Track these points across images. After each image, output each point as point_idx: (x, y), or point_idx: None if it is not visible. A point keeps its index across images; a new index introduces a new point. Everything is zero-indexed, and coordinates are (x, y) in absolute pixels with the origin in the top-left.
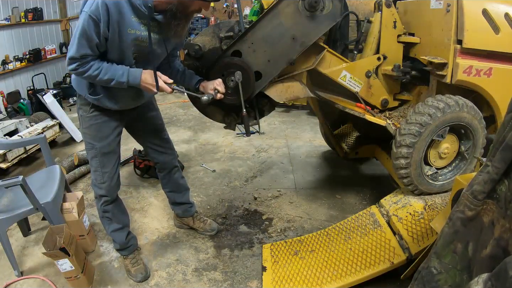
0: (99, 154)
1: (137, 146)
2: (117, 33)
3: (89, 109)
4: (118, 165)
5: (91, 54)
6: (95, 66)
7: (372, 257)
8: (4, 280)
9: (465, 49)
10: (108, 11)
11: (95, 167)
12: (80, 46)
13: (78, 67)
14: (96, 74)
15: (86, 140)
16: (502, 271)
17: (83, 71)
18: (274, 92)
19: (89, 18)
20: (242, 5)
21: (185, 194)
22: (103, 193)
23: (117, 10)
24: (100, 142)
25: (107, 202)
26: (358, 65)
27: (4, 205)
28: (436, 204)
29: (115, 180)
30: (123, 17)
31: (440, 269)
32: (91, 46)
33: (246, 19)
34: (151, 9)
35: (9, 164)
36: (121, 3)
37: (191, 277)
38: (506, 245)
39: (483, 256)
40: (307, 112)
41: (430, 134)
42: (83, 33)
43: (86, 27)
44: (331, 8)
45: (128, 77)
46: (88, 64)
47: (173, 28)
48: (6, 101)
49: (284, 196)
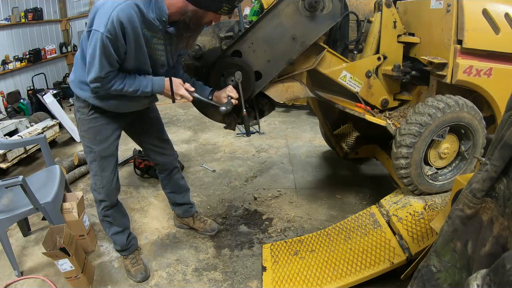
0: (98, 158)
1: (137, 146)
2: (133, 48)
3: (88, 111)
4: (117, 168)
5: (112, 70)
6: (118, 82)
7: (372, 257)
8: (4, 280)
9: (465, 49)
10: (123, 28)
11: (94, 171)
12: (102, 66)
13: (102, 85)
14: (121, 87)
15: (85, 143)
16: (500, 266)
17: (107, 87)
18: (274, 92)
19: (106, 38)
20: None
21: (186, 195)
22: (102, 198)
23: (132, 26)
24: (99, 145)
25: (107, 207)
26: (358, 65)
27: (4, 205)
28: (436, 204)
29: (114, 184)
30: (137, 31)
31: (439, 268)
32: (112, 64)
33: (246, 19)
34: (165, 23)
35: (9, 164)
36: (133, 17)
37: (191, 277)
38: (505, 243)
39: (482, 254)
40: (307, 112)
41: (430, 134)
42: (103, 54)
43: (106, 47)
44: (331, 8)
45: (152, 87)
46: (111, 81)
47: (185, 40)
48: (6, 101)
49: (284, 196)
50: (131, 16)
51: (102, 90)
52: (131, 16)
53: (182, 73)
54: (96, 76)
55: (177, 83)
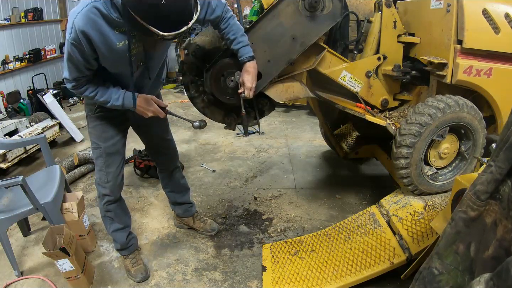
0: (104, 154)
1: (137, 146)
2: (106, 52)
3: (95, 109)
4: (123, 165)
5: (82, 76)
6: (90, 89)
7: (372, 257)
8: (4, 280)
9: (465, 49)
10: (87, 37)
11: (100, 167)
12: (70, 70)
13: (74, 88)
14: (93, 95)
15: (92, 139)
16: (504, 271)
17: (80, 91)
18: (274, 92)
19: (71, 45)
20: (242, 5)
21: (186, 194)
22: (106, 192)
23: (97, 33)
24: (105, 142)
25: (110, 201)
26: (358, 65)
27: (4, 205)
28: (436, 204)
29: (119, 180)
30: (106, 35)
31: (441, 270)
32: (80, 70)
33: (246, 19)
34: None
35: (9, 164)
36: (98, 23)
37: (191, 277)
38: (509, 246)
39: (486, 257)
40: (307, 112)
41: (430, 134)
42: (69, 59)
43: (72, 53)
44: (331, 8)
45: (123, 101)
46: (83, 86)
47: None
48: (6, 101)
49: (284, 196)
50: (92, 21)
51: (77, 93)
52: (91, 21)
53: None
54: (65, 77)
55: (148, 99)
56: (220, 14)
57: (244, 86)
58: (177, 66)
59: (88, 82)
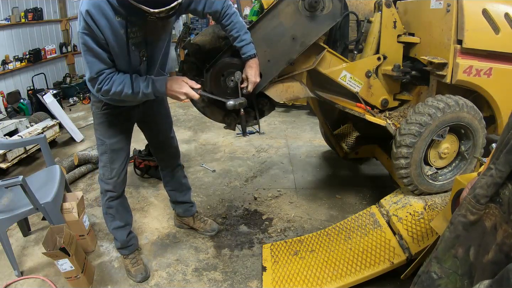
0: (109, 151)
1: (137, 146)
2: (112, 39)
3: (101, 106)
4: (127, 162)
5: (105, 68)
6: (117, 81)
7: (372, 257)
8: (4, 280)
9: (465, 49)
10: (94, 19)
11: (104, 163)
12: (91, 65)
13: (101, 86)
14: (120, 89)
15: (97, 135)
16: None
17: (107, 89)
18: (274, 92)
19: (84, 36)
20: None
21: (187, 194)
22: (109, 188)
23: (104, 18)
24: (110, 139)
25: (113, 197)
26: (358, 65)
27: (4, 205)
28: (436, 204)
29: (123, 177)
30: (111, 21)
31: (440, 274)
32: (101, 59)
33: (246, 19)
34: None
35: (9, 164)
36: (103, 8)
37: (191, 277)
38: (509, 251)
39: (485, 261)
40: (307, 112)
41: (430, 134)
42: (87, 51)
43: (87, 45)
44: (331, 8)
45: (154, 87)
46: (109, 80)
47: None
48: (6, 101)
49: (284, 196)
50: (97, 6)
51: (103, 93)
52: (97, 6)
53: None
54: (90, 77)
55: (180, 81)
56: (219, 9)
57: (248, 80)
58: (177, 66)
59: (112, 75)
